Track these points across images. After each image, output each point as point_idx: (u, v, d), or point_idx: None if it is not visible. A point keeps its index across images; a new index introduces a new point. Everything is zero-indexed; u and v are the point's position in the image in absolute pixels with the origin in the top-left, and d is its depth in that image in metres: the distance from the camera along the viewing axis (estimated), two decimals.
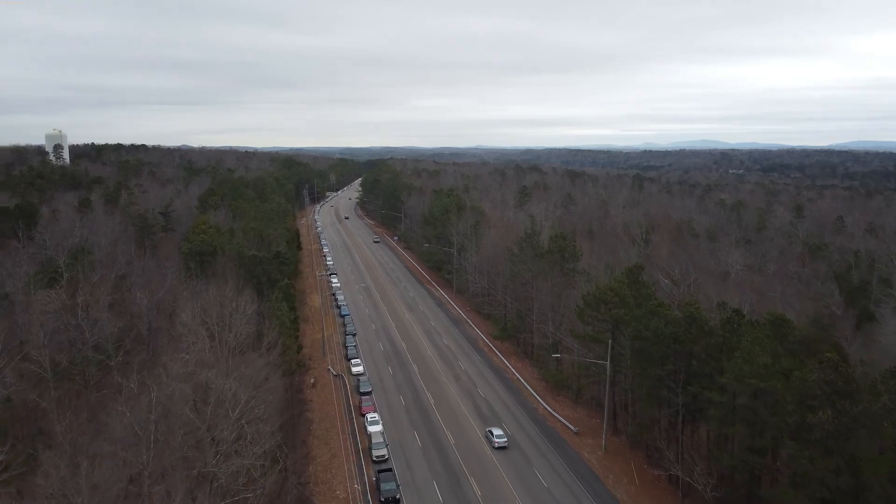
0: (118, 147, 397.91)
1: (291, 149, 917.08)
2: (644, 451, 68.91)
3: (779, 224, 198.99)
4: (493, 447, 70.53)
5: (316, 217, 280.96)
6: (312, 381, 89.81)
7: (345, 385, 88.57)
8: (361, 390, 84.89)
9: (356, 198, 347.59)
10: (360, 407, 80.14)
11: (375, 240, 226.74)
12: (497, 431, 72.40)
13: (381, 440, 69.56)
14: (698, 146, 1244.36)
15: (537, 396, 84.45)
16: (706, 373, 58.19)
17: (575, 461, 67.79)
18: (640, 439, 69.35)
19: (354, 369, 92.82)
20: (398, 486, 61.43)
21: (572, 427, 75.12)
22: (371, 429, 72.62)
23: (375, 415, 76.33)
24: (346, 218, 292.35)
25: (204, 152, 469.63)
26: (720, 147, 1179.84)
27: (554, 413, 79.18)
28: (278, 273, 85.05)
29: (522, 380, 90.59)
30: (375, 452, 67.24)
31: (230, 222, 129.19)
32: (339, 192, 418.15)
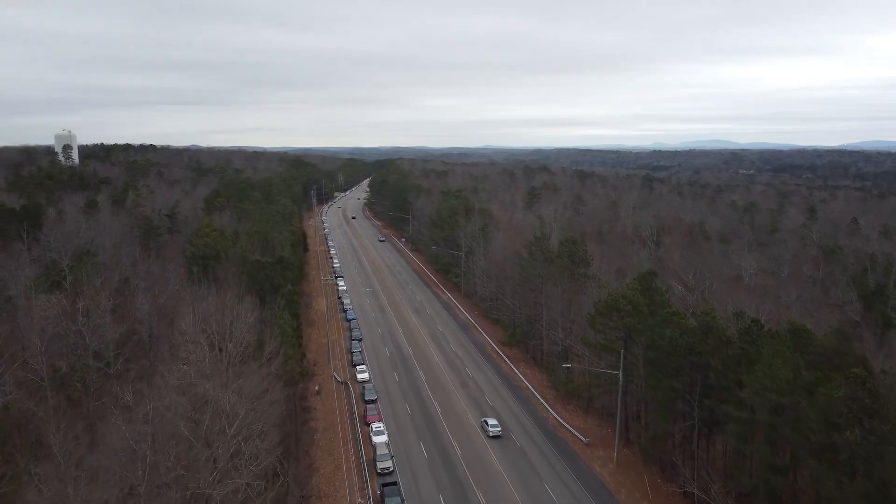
0: (127, 147, 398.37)
1: (300, 149, 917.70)
2: (658, 465, 66.60)
3: (792, 226, 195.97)
4: (488, 436, 72.94)
5: (324, 218, 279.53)
6: (317, 388, 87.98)
7: (350, 392, 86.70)
8: (366, 398, 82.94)
9: (364, 198, 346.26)
10: (364, 416, 78.24)
11: (381, 238, 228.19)
12: (492, 421, 75.09)
13: (386, 451, 67.54)
14: (708, 146, 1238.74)
15: (547, 406, 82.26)
16: (724, 385, 55.87)
17: (586, 474, 65.60)
18: (654, 452, 67.00)
19: (360, 376, 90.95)
20: (403, 500, 59.42)
21: (583, 438, 72.91)
22: (376, 439, 70.67)
23: (380, 424, 74.40)
24: (353, 218, 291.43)
25: (213, 152, 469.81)
26: (730, 147, 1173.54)
27: (564, 423, 76.96)
28: (281, 279, 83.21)
29: (531, 388, 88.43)
30: (380, 464, 65.25)
31: (235, 225, 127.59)
32: (348, 193, 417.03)
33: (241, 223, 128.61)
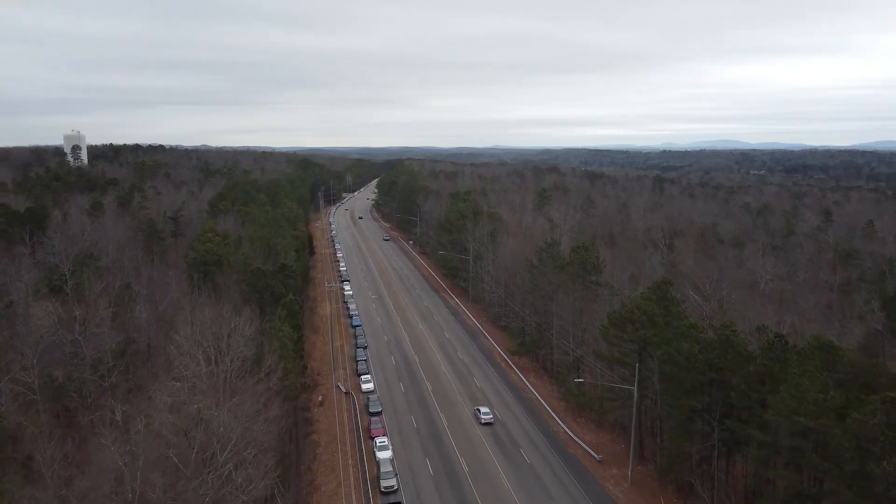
0: (135, 148, 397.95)
1: (309, 149, 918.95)
2: (674, 485, 63.46)
3: (806, 229, 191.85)
4: (480, 423, 76.83)
5: (331, 220, 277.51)
6: (320, 398, 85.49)
7: (354, 404, 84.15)
8: (371, 410, 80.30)
9: (372, 199, 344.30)
10: (369, 429, 75.60)
11: (385, 238, 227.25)
12: (483, 409, 79.00)
13: (390, 469, 64.92)
14: (718, 146, 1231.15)
15: (557, 419, 79.35)
16: (746, 405, 52.91)
17: (598, 494, 62.61)
18: (670, 471, 63.90)
19: (364, 386, 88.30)
20: None
21: (595, 454, 69.97)
22: (380, 455, 67.98)
23: (385, 439, 71.69)
24: (361, 218, 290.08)
25: (221, 153, 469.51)
26: (741, 147, 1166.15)
27: (575, 438, 74.03)
28: (283, 287, 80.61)
29: (541, 399, 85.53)
30: (384, 483, 62.58)
31: (239, 229, 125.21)
32: (356, 194, 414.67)
33: (244, 227, 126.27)
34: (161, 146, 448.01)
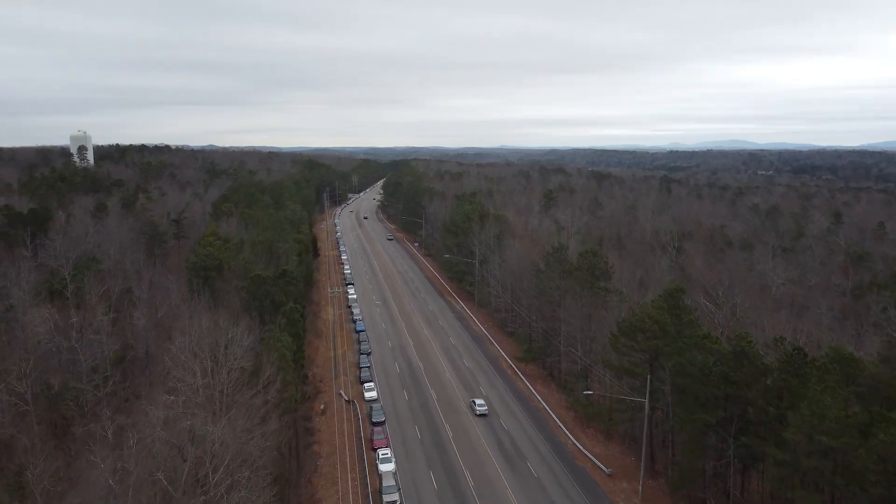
0: (142, 148, 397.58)
1: (315, 149, 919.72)
2: (687, 501, 61.10)
3: (816, 231, 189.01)
4: (475, 414, 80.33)
5: (336, 221, 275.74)
6: (322, 407, 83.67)
7: (357, 412, 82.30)
8: (374, 420, 78.36)
9: (378, 199, 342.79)
10: (371, 440, 73.71)
11: (389, 237, 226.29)
12: (479, 401, 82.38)
13: (393, 482, 62.98)
14: (726, 146, 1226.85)
15: (565, 429, 77.23)
16: (763, 420, 50.76)
17: None
18: (683, 486, 61.76)
19: (367, 395, 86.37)
20: None
21: (604, 468, 67.84)
22: (382, 467, 66.06)
23: (388, 451, 69.71)
24: (366, 218, 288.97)
25: (227, 153, 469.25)
26: (748, 147, 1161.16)
27: (584, 450, 71.90)
28: (283, 295, 78.71)
29: (548, 408, 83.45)
30: (386, 498, 60.62)
31: (242, 232, 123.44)
32: (362, 194, 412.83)
33: (248, 230, 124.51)
34: (167, 146, 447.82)
